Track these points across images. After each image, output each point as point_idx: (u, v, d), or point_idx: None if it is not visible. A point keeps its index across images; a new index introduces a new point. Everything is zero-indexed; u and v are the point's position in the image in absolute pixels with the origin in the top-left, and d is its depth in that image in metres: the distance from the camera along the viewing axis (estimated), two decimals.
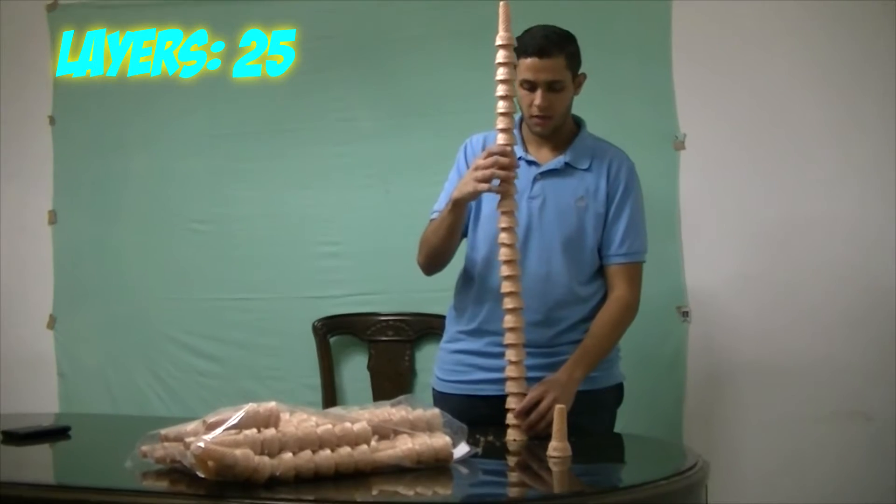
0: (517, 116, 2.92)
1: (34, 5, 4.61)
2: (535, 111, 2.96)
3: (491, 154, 2.77)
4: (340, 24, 4.26)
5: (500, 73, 2.72)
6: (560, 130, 3.07)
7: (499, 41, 2.70)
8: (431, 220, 3.12)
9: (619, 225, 3.04)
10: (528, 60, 2.91)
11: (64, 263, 4.59)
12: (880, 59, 3.77)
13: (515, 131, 2.88)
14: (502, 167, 2.75)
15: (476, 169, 2.79)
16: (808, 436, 3.81)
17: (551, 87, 2.95)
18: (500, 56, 2.71)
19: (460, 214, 2.95)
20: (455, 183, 3.07)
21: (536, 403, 2.69)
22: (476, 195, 2.84)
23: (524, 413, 2.68)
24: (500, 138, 2.76)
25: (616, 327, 3.03)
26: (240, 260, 4.35)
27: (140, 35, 4.48)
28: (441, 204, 3.10)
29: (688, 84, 3.90)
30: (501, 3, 2.69)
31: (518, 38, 2.84)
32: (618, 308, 3.02)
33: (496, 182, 2.77)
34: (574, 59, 3.01)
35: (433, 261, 3.14)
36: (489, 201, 2.95)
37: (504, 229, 2.75)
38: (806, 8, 3.84)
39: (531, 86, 2.94)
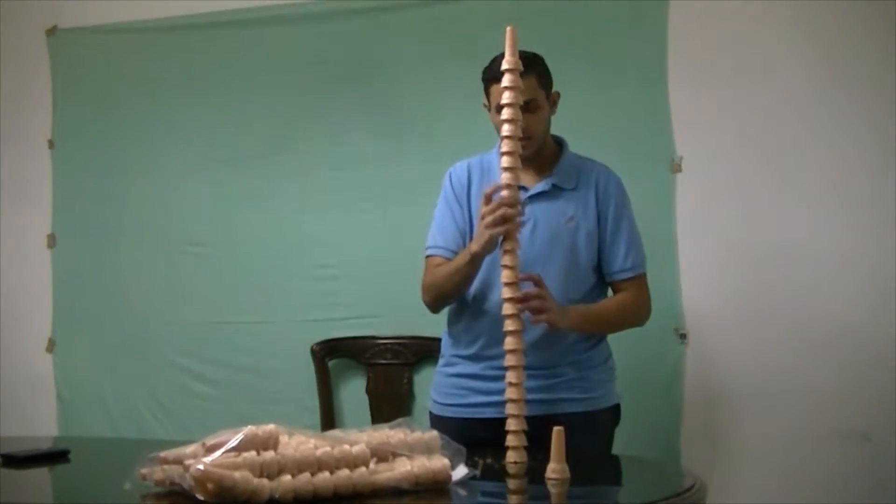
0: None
1: (34, 30, 4.64)
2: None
3: (489, 196, 2.76)
4: (338, 48, 4.28)
5: (506, 97, 2.71)
6: (542, 152, 3.09)
7: (505, 65, 2.69)
8: (428, 256, 3.13)
9: (620, 242, 3.07)
10: (499, 85, 2.89)
11: (63, 287, 4.60)
12: (880, 80, 3.79)
13: (497, 157, 2.87)
14: (507, 205, 2.74)
15: (483, 217, 2.78)
16: (806, 456, 3.80)
17: (527, 108, 2.93)
18: (506, 80, 2.71)
19: (479, 266, 2.95)
20: (444, 212, 3.13)
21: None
22: (495, 243, 2.81)
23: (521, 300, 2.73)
24: (504, 177, 2.73)
25: (623, 309, 3.09)
26: (238, 283, 4.37)
27: (138, 61, 4.51)
28: (436, 240, 3.12)
29: (684, 107, 3.92)
30: (508, 28, 2.69)
31: (485, 69, 2.85)
32: (629, 298, 3.09)
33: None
34: (545, 79, 3.04)
35: (444, 303, 3.15)
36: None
37: (506, 252, 2.75)
38: (803, 29, 3.87)
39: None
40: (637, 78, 4.00)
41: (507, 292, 2.73)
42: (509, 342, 2.70)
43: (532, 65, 2.96)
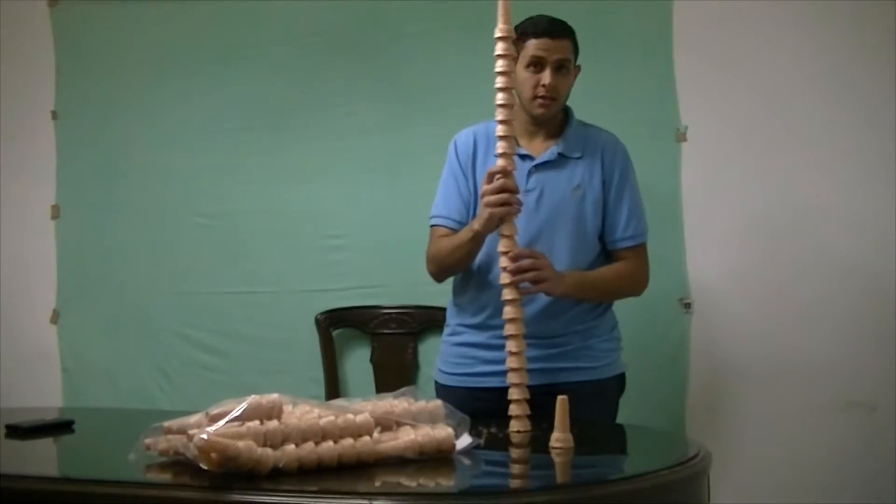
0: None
1: (37, 1, 4.61)
2: (541, 91, 2.97)
3: (492, 175, 2.77)
4: (342, 18, 4.26)
5: (500, 66, 2.71)
6: (553, 119, 3.09)
7: (498, 33, 2.69)
8: (433, 226, 3.14)
9: (622, 210, 3.07)
10: (539, 40, 2.95)
11: (67, 258, 4.60)
12: (884, 49, 3.77)
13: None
14: (506, 189, 2.76)
15: (484, 195, 2.79)
16: (810, 426, 3.81)
17: (560, 68, 2.98)
18: (499, 48, 2.70)
19: (481, 243, 2.95)
20: (449, 181, 3.13)
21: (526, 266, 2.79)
22: (496, 222, 2.80)
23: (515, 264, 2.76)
24: (500, 163, 2.75)
25: (620, 278, 3.09)
26: (243, 254, 4.36)
27: (141, 31, 4.50)
28: (440, 209, 3.13)
29: (689, 76, 3.90)
30: None
31: (522, 24, 2.86)
32: (627, 268, 3.09)
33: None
34: (576, 47, 3.07)
35: (448, 275, 3.17)
36: None
37: (504, 228, 2.76)
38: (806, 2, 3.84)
39: (540, 65, 2.96)
40: (642, 48, 3.98)
41: (504, 262, 2.73)
42: (508, 311, 2.71)
43: (568, 30, 3.03)
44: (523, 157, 3.02)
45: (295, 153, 4.30)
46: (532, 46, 2.94)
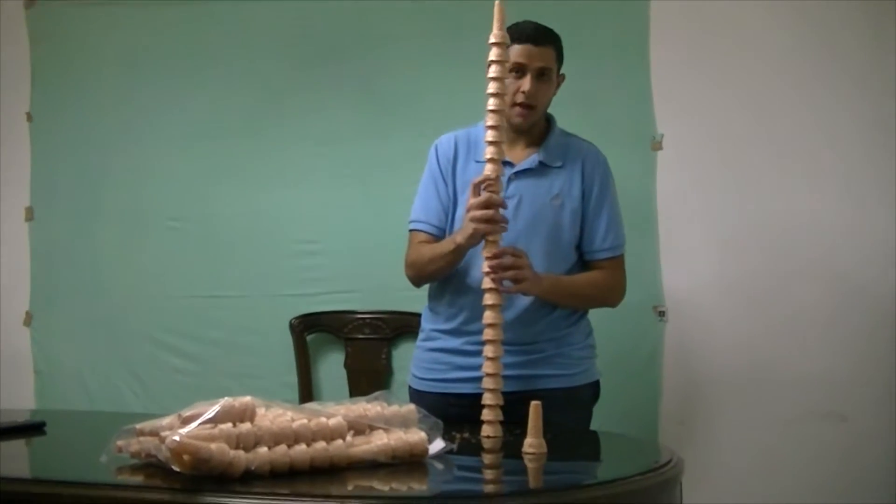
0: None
1: (12, 2, 4.60)
2: (520, 98, 2.98)
3: (477, 186, 2.77)
4: (318, 22, 4.26)
5: (492, 71, 2.71)
6: (534, 127, 3.09)
7: (493, 39, 2.69)
8: (412, 231, 3.14)
9: (601, 221, 3.08)
10: (521, 46, 2.96)
11: (41, 260, 4.58)
12: (866, 55, 3.80)
13: (484, 131, 2.87)
14: (492, 204, 2.76)
15: (469, 209, 2.79)
16: (783, 435, 3.83)
17: (541, 75, 2.99)
18: (493, 54, 2.70)
19: (462, 255, 2.96)
20: (429, 186, 3.14)
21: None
22: (480, 238, 2.81)
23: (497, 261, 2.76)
24: (489, 168, 2.75)
25: (594, 286, 3.10)
26: (217, 258, 4.35)
27: (117, 34, 4.49)
28: (419, 214, 3.14)
29: (666, 84, 3.92)
30: (496, 2, 2.69)
31: (508, 28, 2.85)
32: (603, 277, 3.10)
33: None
34: (560, 55, 3.08)
35: (426, 281, 3.17)
36: (464, 202, 2.97)
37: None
38: (787, 5, 3.86)
39: (521, 72, 2.97)
40: (619, 55, 4.00)
41: (486, 266, 2.73)
42: (488, 316, 2.71)
43: (553, 38, 3.05)
44: (504, 163, 3.01)
45: (270, 158, 4.30)
46: (515, 53, 2.93)
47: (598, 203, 3.09)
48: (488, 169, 2.75)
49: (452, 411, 2.81)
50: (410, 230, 3.15)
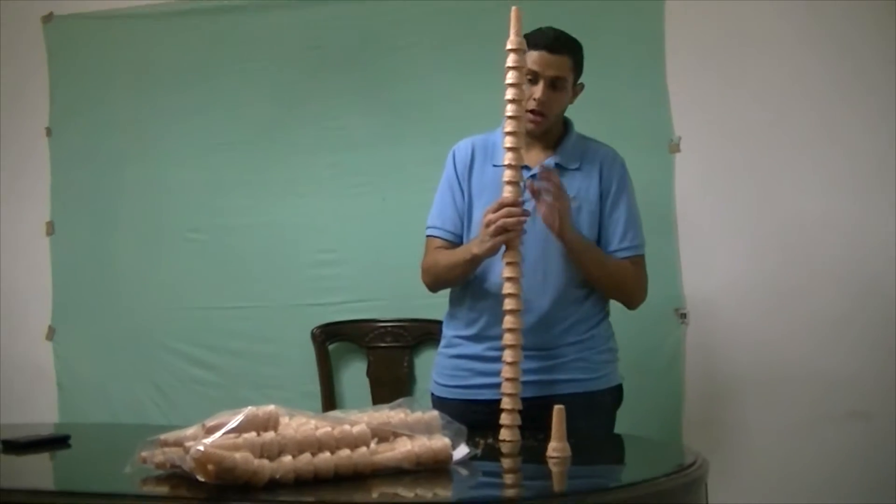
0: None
1: (30, 17, 4.63)
2: (532, 105, 2.97)
3: (502, 206, 2.77)
4: (333, 32, 4.27)
5: (510, 77, 2.71)
6: (550, 131, 3.09)
7: (509, 45, 2.69)
8: (429, 236, 3.15)
9: (619, 220, 3.07)
10: (537, 53, 2.95)
11: (62, 274, 4.60)
12: (880, 56, 3.78)
13: (502, 136, 2.87)
14: (511, 216, 2.76)
15: (487, 224, 2.79)
16: (807, 436, 3.81)
17: (553, 84, 2.99)
18: (510, 60, 2.70)
19: (478, 265, 2.97)
20: (445, 192, 3.14)
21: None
22: (496, 251, 2.83)
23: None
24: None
25: (620, 269, 3.06)
26: (237, 269, 4.36)
27: (135, 47, 4.51)
28: (435, 220, 3.14)
29: (682, 86, 3.91)
30: (513, 8, 2.70)
31: (529, 34, 2.85)
32: (628, 267, 3.07)
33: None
34: (578, 65, 3.07)
35: (442, 287, 3.18)
36: (480, 206, 2.98)
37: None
38: (803, 6, 3.85)
39: (534, 78, 2.96)
40: (635, 59, 4.00)
41: (507, 271, 2.73)
42: (508, 321, 2.71)
43: (572, 47, 3.04)
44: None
45: (288, 167, 4.31)
46: (530, 58, 2.91)
47: (617, 203, 3.08)
48: (507, 175, 2.75)
49: (475, 417, 2.78)
50: (427, 236, 3.16)
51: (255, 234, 4.34)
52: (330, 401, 4.16)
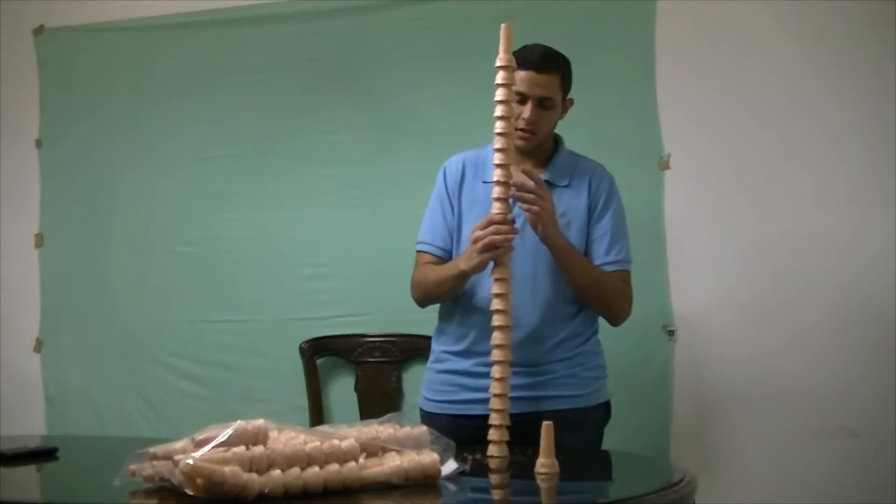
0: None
1: (21, 29, 4.63)
2: (521, 124, 2.97)
3: (490, 223, 2.78)
4: (326, 46, 4.28)
5: (499, 95, 2.72)
6: (540, 148, 3.10)
7: (498, 62, 2.70)
8: (419, 252, 3.15)
9: (605, 235, 3.08)
10: (524, 73, 2.94)
11: (51, 286, 4.59)
12: (876, 65, 3.79)
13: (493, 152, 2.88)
14: (500, 233, 2.77)
15: (475, 241, 2.80)
16: (795, 453, 3.81)
17: (542, 104, 2.99)
18: (500, 77, 2.71)
19: (466, 280, 2.97)
20: (435, 208, 3.15)
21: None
22: (484, 267, 2.85)
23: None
24: (495, 206, 2.77)
25: (605, 280, 3.05)
26: (227, 282, 4.36)
27: (125, 60, 4.51)
28: (425, 236, 3.15)
29: (672, 102, 3.92)
30: (503, 25, 2.71)
31: (518, 51, 2.86)
32: (615, 279, 3.07)
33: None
34: (566, 82, 3.07)
35: (431, 303, 3.18)
36: (469, 221, 3.00)
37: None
38: (793, 20, 3.87)
39: (522, 99, 2.96)
40: (625, 75, 4.00)
41: (496, 288, 2.74)
42: (496, 337, 2.72)
43: (560, 65, 3.04)
44: (511, 184, 3.02)
45: (279, 181, 4.32)
46: (518, 78, 2.90)
47: (604, 219, 3.09)
48: (496, 192, 2.77)
49: (464, 432, 2.79)
50: (417, 251, 3.17)
51: (246, 247, 4.35)
52: (318, 415, 4.16)
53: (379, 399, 4.10)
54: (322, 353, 4.20)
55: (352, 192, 4.23)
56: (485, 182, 3.04)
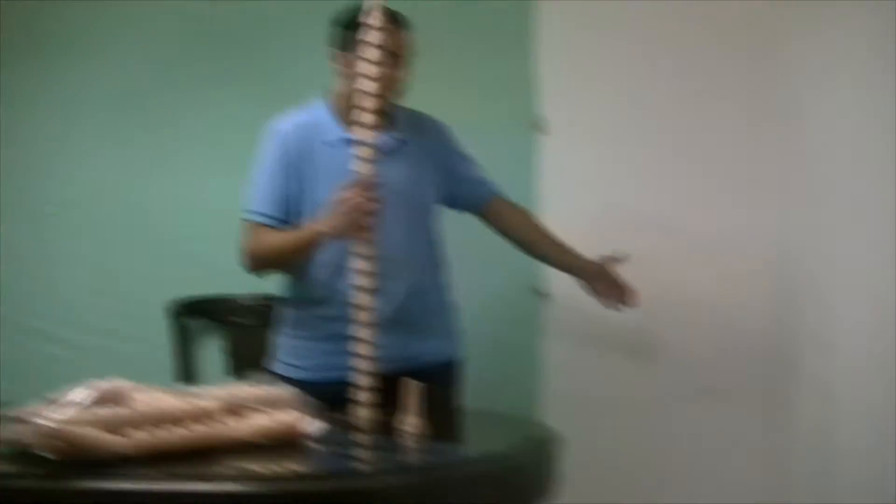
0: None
1: None
2: (393, 84, 2.98)
3: (356, 185, 2.74)
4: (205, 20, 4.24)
5: (367, 53, 2.71)
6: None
7: (369, 20, 2.69)
8: (257, 223, 3.10)
9: (474, 169, 3.22)
10: (397, 32, 2.96)
11: None
12: (760, 34, 3.84)
13: (327, 112, 2.92)
14: (365, 195, 2.74)
15: (340, 203, 2.76)
16: (672, 416, 3.89)
17: (398, 62, 2.99)
18: (369, 37, 2.70)
19: (320, 244, 2.93)
20: (275, 175, 3.08)
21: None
22: (347, 230, 2.77)
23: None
24: (360, 167, 2.75)
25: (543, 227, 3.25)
26: (93, 244, 4.29)
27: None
28: (265, 206, 3.08)
29: (551, 69, 3.94)
30: None
31: (353, 14, 2.87)
32: (531, 215, 3.27)
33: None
34: (412, 36, 3.07)
35: (272, 270, 3.18)
36: (323, 185, 2.97)
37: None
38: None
39: (392, 58, 2.93)
40: (502, 40, 4.01)
41: (361, 249, 2.73)
42: (360, 299, 2.70)
43: (406, 21, 3.02)
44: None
45: (147, 141, 4.25)
46: (390, 38, 2.86)
47: (464, 157, 3.22)
48: (362, 152, 2.74)
49: (326, 397, 2.80)
50: (249, 220, 3.12)
51: (113, 210, 4.27)
52: (186, 377, 4.10)
53: (249, 361, 4.03)
54: (193, 314, 4.14)
55: (220, 154, 4.19)
56: (323, 142, 3.03)
